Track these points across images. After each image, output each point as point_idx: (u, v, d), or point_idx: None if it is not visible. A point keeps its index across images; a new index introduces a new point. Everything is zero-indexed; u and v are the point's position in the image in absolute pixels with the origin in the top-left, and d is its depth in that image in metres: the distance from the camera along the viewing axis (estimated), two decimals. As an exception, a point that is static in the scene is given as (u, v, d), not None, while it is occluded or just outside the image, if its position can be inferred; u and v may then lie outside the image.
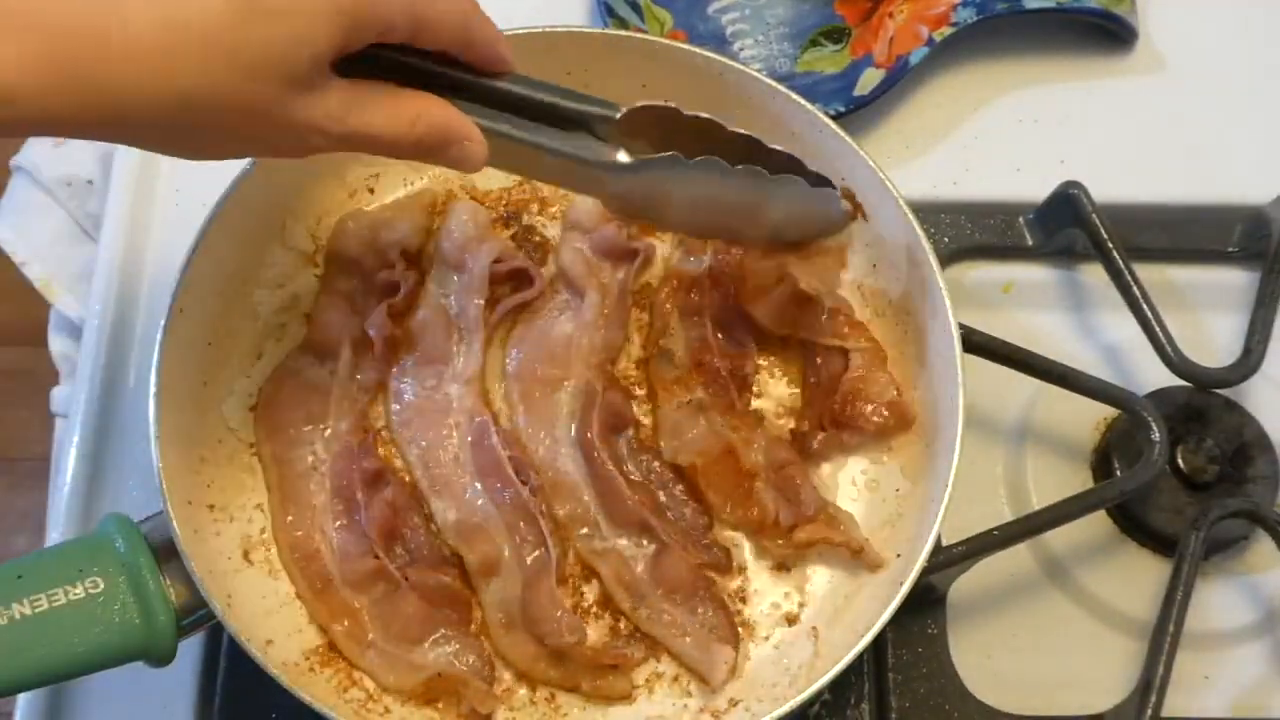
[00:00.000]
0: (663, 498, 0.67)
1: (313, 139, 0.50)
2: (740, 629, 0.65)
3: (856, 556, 0.65)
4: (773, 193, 0.61)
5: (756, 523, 0.66)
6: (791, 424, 0.69)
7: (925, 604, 0.68)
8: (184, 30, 0.44)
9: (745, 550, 0.67)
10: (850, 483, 0.68)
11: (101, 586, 0.56)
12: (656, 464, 0.67)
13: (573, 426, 0.68)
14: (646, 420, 0.69)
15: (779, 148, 0.60)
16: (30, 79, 0.43)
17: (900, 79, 0.80)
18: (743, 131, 0.60)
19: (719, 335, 0.70)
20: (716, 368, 0.68)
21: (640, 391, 0.70)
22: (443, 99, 0.53)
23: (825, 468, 0.68)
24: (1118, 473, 0.71)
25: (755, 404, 0.70)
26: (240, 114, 0.47)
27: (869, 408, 0.66)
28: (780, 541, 0.65)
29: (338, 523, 0.65)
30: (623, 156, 0.58)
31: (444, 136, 0.53)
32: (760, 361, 0.71)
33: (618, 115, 0.58)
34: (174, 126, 0.47)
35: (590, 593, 0.65)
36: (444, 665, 0.62)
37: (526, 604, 0.63)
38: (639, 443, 0.68)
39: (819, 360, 0.69)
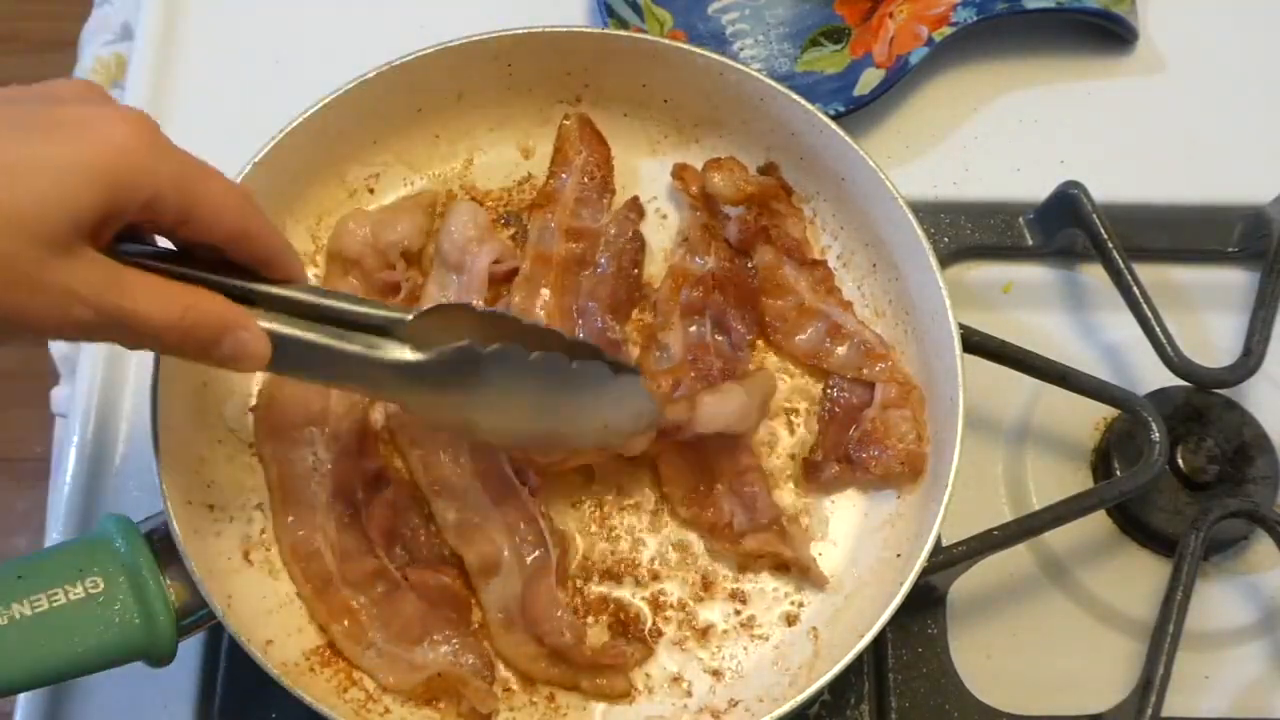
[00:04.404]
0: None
1: (73, 309, 0.46)
2: (740, 628, 0.65)
3: (804, 575, 0.65)
4: (576, 383, 0.57)
5: (709, 524, 0.66)
6: (775, 426, 0.69)
7: (925, 604, 0.68)
8: None
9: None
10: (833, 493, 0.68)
11: (101, 586, 0.56)
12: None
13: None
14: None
15: (580, 339, 0.59)
16: None
17: (900, 79, 0.80)
18: (541, 325, 0.58)
19: (718, 336, 0.70)
20: (710, 365, 0.68)
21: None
22: (220, 295, 0.51)
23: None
24: (1118, 473, 0.71)
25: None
26: None
27: (884, 454, 0.66)
28: (730, 546, 0.65)
29: (338, 523, 0.65)
30: (411, 355, 0.54)
31: (217, 329, 0.51)
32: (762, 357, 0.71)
33: (409, 318, 0.54)
34: None
35: (590, 592, 0.65)
36: (444, 665, 0.62)
37: (526, 604, 0.63)
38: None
39: (841, 390, 0.69)
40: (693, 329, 0.70)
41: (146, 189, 0.47)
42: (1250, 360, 0.72)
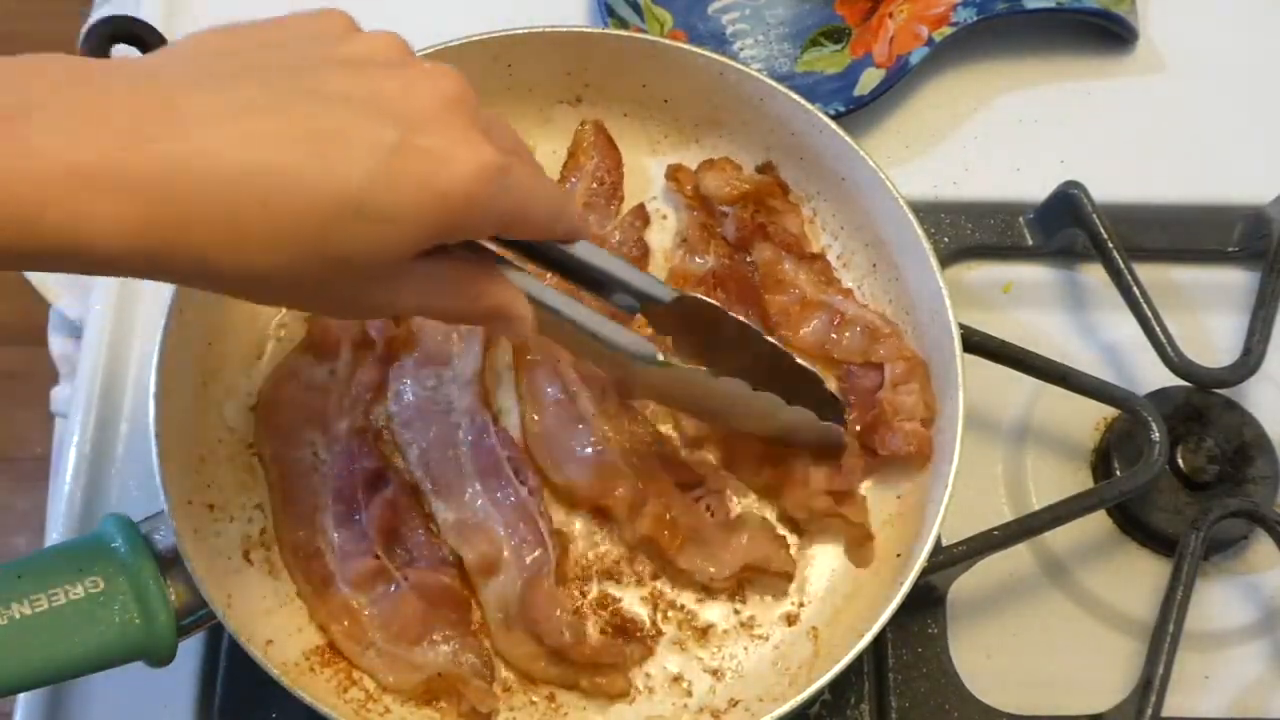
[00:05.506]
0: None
1: (383, 312, 0.52)
2: (740, 628, 0.65)
3: (861, 544, 0.65)
4: (786, 418, 0.63)
5: (786, 478, 0.66)
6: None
7: (925, 604, 0.68)
8: (276, 219, 0.42)
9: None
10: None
11: (101, 586, 0.56)
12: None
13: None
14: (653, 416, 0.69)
15: (806, 365, 0.63)
16: (120, 241, 0.40)
17: (900, 79, 0.80)
18: (777, 344, 0.62)
19: (721, 335, 0.70)
20: (720, 363, 0.69)
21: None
22: (503, 278, 0.52)
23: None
24: (1118, 473, 0.71)
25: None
26: (314, 290, 0.46)
27: (894, 437, 0.66)
28: (800, 505, 0.65)
29: (338, 522, 0.65)
30: (657, 354, 0.58)
31: (500, 316, 0.52)
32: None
33: (666, 300, 0.58)
34: (249, 290, 0.45)
35: (590, 592, 0.65)
36: (444, 665, 0.62)
37: (525, 603, 0.63)
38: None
39: (854, 377, 0.69)
40: (696, 330, 0.70)
41: (477, 230, 0.47)
42: (1250, 360, 0.72)
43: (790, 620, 0.65)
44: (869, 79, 0.81)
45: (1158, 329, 0.71)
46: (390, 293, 0.47)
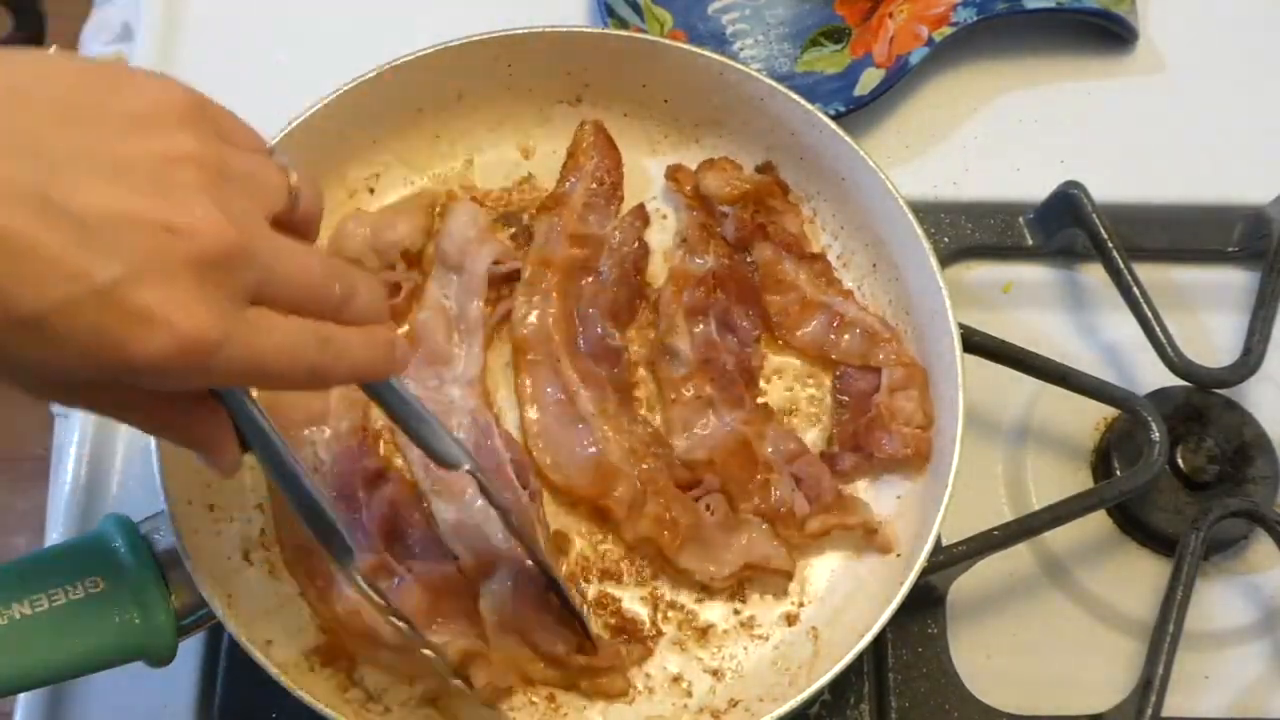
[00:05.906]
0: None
1: (73, 405, 0.47)
2: (740, 628, 0.65)
3: (870, 538, 0.65)
4: None
5: (774, 512, 0.66)
6: (795, 418, 0.70)
7: (925, 604, 0.68)
8: None
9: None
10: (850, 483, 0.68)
11: (101, 586, 0.56)
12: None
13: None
14: (655, 419, 0.69)
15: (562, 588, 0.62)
16: None
17: (900, 79, 0.80)
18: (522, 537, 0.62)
19: (726, 335, 0.70)
20: (723, 364, 0.69)
21: (643, 394, 0.70)
22: (210, 410, 0.48)
23: (825, 468, 0.68)
24: (1118, 473, 0.71)
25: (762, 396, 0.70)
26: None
27: (891, 440, 0.66)
28: (796, 531, 0.65)
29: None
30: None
31: (198, 449, 0.49)
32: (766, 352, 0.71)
33: (458, 469, 0.57)
34: None
35: (590, 592, 0.65)
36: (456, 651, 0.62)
37: (518, 608, 0.63)
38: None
39: (850, 378, 0.69)
40: (699, 329, 0.70)
41: (170, 388, 0.44)
42: (1250, 360, 0.72)
43: (790, 620, 0.65)
44: (869, 79, 0.81)
45: (1158, 329, 0.71)
46: (69, 394, 0.45)
